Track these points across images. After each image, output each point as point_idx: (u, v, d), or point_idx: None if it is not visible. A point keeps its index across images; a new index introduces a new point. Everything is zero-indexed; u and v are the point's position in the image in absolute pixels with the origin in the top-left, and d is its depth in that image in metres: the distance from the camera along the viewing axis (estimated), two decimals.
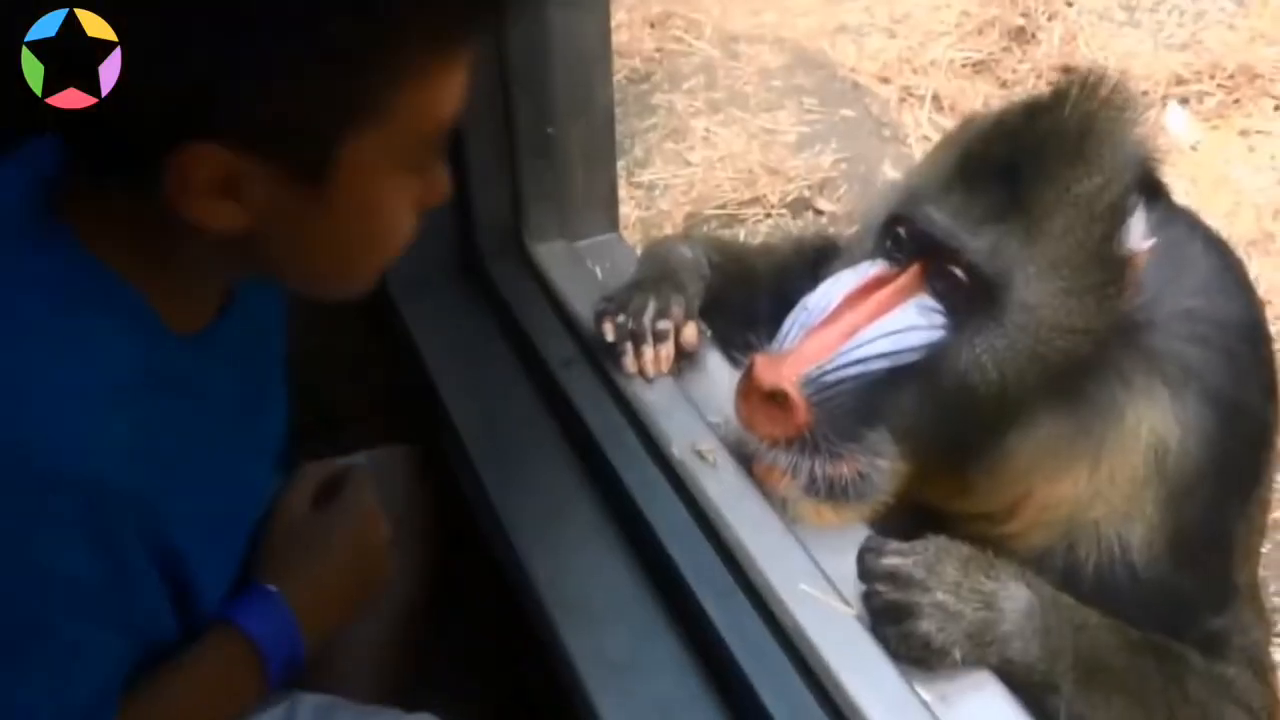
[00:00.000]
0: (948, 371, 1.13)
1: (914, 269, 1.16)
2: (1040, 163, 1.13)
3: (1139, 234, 1.16)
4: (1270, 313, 2.59)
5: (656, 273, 1.38)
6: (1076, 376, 1.15)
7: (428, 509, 1.42)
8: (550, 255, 1.55)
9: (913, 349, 1.13)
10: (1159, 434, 1.16)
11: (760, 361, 1.13)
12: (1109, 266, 1.13)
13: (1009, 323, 1.11)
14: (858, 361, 1.12)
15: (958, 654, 1.02)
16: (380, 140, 0.84)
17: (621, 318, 1.33)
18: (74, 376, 0.86)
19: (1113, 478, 1.17)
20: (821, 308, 1.16)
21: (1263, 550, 1.74)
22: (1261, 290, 2.60)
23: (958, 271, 1.13)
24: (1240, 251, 2.61)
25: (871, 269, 1.19)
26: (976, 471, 1.20)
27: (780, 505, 1.17)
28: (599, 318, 1.33)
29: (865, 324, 1.14)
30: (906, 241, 1.17)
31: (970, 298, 1.12)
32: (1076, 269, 1.12)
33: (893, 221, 1.19)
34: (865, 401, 1.13)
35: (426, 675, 1.39)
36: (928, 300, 1.15)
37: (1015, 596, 1.06)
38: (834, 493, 1.15)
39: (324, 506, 1.14)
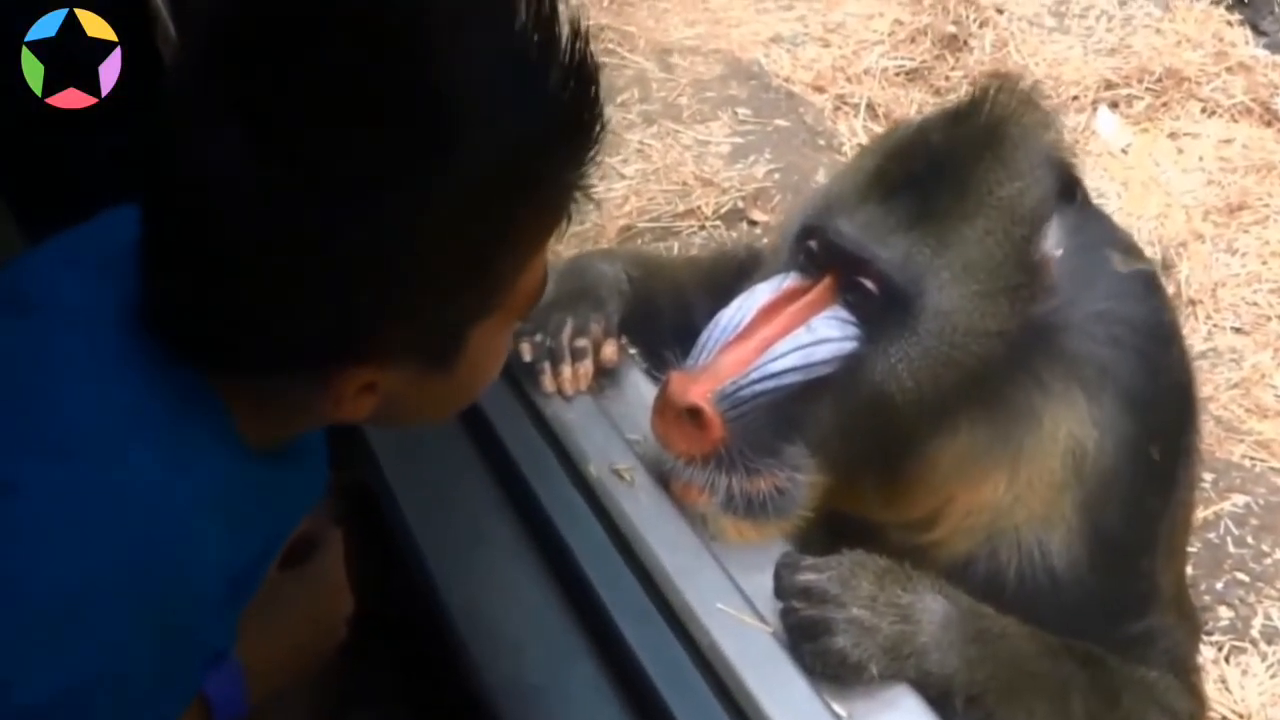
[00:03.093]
0: (863, 382, 1.12)
1: (826, 281, 1.15)
2: (957, 169, 1.13)
3: (1052, 238, 1.16)
4: (1201, 312, 2.63)
5: (575, 289, 1.36)
6: (993, 382, 1.14)
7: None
8: None
9: (826, 361, 1.12)
10: (1076, 437, 1.16)
11: (675, 379, 1.12)
12: (1024, 268, 1.13)
13: (922, 330, 1.11)
14: (772, 376, 1.11)
15: (874, 668, 1.01)
16: (501, 314, 0.90)
17: (539, 336, 1.31)
18: (181, 484, 0.86)
19: (1032, 483, 1.17)
20: (735, 323, 1.15)
21: (1190, 550, 1.76)
22: (1192, 290, 2.64)
23: (868, 282, 1.12)
24: (1171, 252, 2.67)
25: (785, 281, 1.18)
26: (897, 481, 1.20)
27: (699, 523, 1.16)
28: (516, 337, 1.31)
29: (778, 338, 1.13)
30: (818, 253, 1.16)
31: (883, 308, 1.12)
32: (990, 272, 1.12)
33: (805, 234, 1.18)
34: (781, 415, 1.13)
35: (346, 701, 1.36)
36: (841, 311, 1.14)
37: (932, 608, 1.05)
38: (752, 509, 1.14)
39: (294, 569, 1.11)
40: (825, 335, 1.13)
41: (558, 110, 0.83)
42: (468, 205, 0.81)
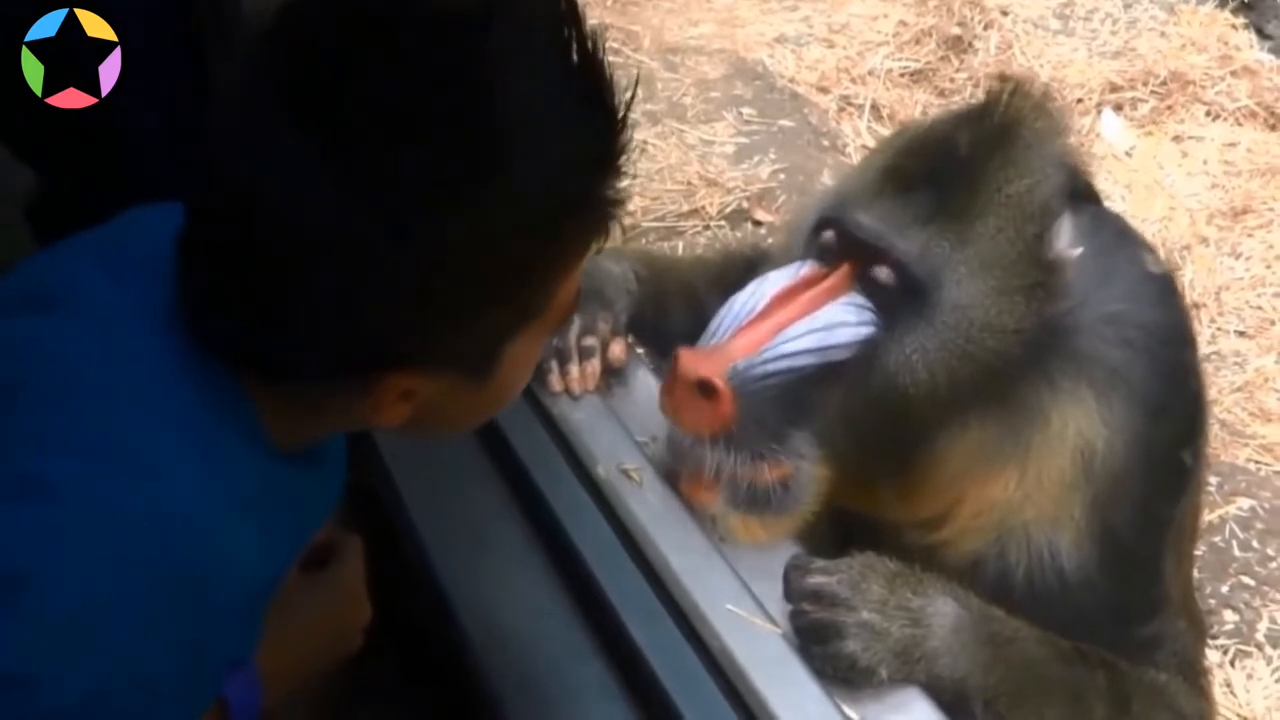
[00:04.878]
0: (877, 371, 1.11)
1: (844, 269, 1.14)
2: (970, 166, 1.13)
3: (1068, 240, 1.15)
4: (1205, 316, 2.63)
5: (583, 289, 1.35)
6: (1006, 379, 1.14)
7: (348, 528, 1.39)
8: None
9: (842, 345, 1.11)
10: (1086, 437, 1.15)
11: (686, 354, 1.10)
12: (1039, 267, 1.13)
13: (939, 322, 1.10)
14: (786, 356, 1.10)
15: (884, 672, 1.01)
16: (537, 326, 0.92)
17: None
18: (215, 490, 0.86)
19: (1041, 482, 1.16)
20: (750, 306, 1.14)
21: (1196, 553, 1.76)
22: (1196, 293, 2.64)
23: (886, 272, 1.11)
24: (1175, 255, 2.67)
25: (801, 270, 1.17)
26: (907, 477, 1.19)
27: (709, 522, 1.15)
28: None
29: (794, 320, 1.12)
30: (836, 244, 1.16)
31: (900, 298, 1.11)
32: (1006, 269, 1.11)
33: (822, 225, 1.17)
34: (793, 401, 1.11)
35: (353, 699, 1.36)
36: (858, 299, 1.13)
37: (943, 612, 1.05)
38: (759, 504, 1.13)
39: (313, 574, 1.10)
40: (841, 320, 1.12)
41: (599, 131, 0.86)
42: (518, 222, 0.83)
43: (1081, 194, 1.21)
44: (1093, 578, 1.16)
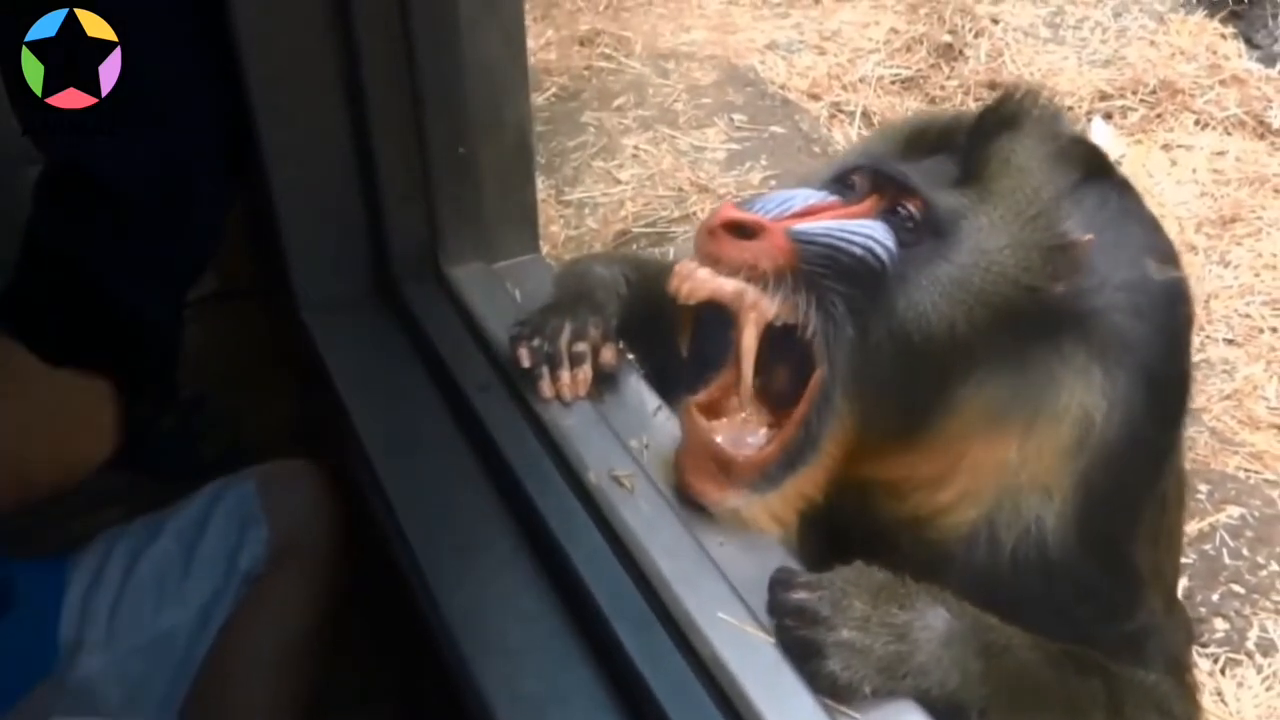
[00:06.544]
0: (897, 301, 1.09)
1: (868, 202, 1.14)
2: (983, 139, 1.14)
3: (1085, 220, 1.15)
4: (1194, 324, 2.64)
5: (573, 293, 1.35)
6: (1018, 340, 1.13)
7: (331, 533, 1.39)
8: (467, 278, 1.52)
9: (877, 241, 1.09)
10: (1087, 408, 1.15)
11: (727, 205, 1.09)
12: (1055, 233, 1.13)
13: (959, 262, 1.10)
14: (824, 232, 1.09)
15: (868, 689, 0.99)
16: None
17: (536, 341, 1.29)
18: None
19: (1041, 450, 1.15)
20: (778, 202, 1.12)
21: (1186, 561, 1.76)
22: None
23: (914, 208, 1.11)
24: None
25: (826, 199, 1.16)
26: (918, 426, 1.17)
27: (731, 515, 1.13)
28: (513, 343, 1.30)
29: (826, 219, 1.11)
30: (861, 184, 1.15)
31: (923, 235, 1.10)
32: (1025, 226, 1.11)
33: (848, 170, 1.17)
34: (828, 293, 1.09)
35: (327, 706, 1.35)
36: (883, 225, 1.12)
37: (932, 625, 1.03)
38: (778, 467, 1.11)
39: None
40: (872, 228, 1.11)
41: None
42: None
43: (1099, 167, 1.22)
44: (1075, 548, 1.15)
